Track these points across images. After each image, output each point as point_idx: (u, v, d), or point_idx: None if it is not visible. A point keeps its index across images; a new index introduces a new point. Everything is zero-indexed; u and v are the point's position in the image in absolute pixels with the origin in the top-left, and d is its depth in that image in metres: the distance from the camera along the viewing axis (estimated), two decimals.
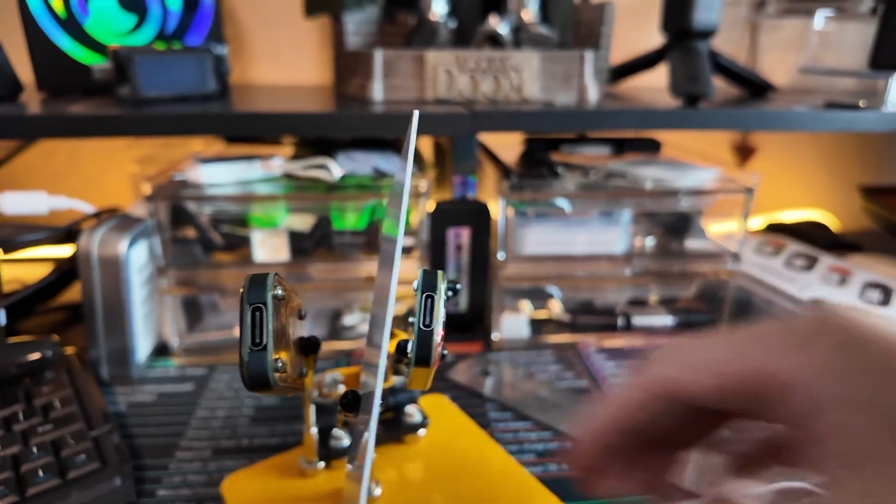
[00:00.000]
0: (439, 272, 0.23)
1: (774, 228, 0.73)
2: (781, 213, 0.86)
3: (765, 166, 0.85)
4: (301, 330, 0.25)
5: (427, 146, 0.70)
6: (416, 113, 0.23)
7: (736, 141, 0.84)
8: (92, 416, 0.38)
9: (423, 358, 0.21)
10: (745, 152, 0.84)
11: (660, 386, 0.19)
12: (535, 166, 0.52)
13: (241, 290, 0.19)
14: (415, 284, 0.22)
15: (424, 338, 0.21)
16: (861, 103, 0.53)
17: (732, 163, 0.85)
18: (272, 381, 0.18)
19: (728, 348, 0.19)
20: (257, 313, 0.18)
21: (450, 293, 0.29)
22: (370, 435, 0.20)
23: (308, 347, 0.25)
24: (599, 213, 0.52)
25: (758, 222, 0.78)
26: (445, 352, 0.27)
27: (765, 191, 0.87)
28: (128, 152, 0.69)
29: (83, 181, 0.75)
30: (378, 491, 0.32)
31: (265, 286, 0.19)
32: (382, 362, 0.20)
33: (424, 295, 0.22)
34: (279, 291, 0.20)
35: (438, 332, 0.22)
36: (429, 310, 0.22)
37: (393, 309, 0.20)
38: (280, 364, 0.19)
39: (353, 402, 0.23)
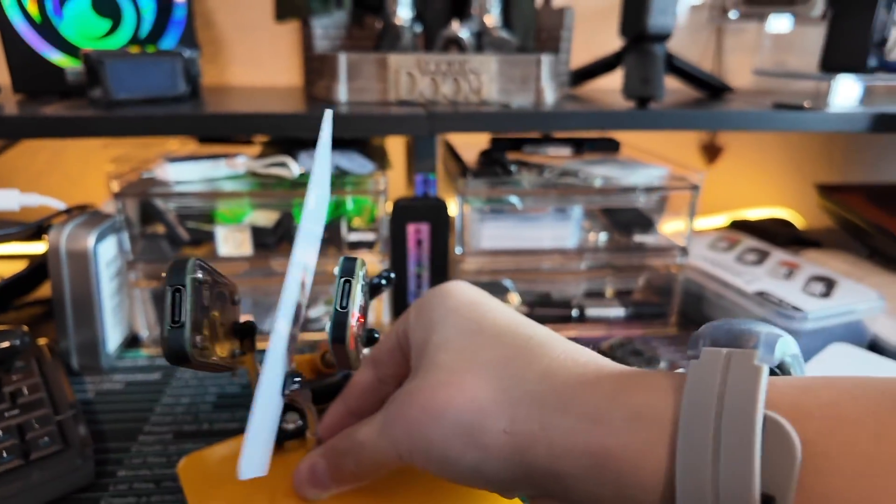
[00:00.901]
0: (359, 259, 0.25)
1: (738, 225, 0.75)
2: (747, 211, 0.88)
3: (732, 166, 0.88)
4: (236, 315, 0.27)
5: (399, 148, 0.72)
6: (328, 112, 0.25)
7: (703, 141, 0.86)
8: (58, 402, 0.40)
9: (338, 337, 0.23)
10: (712, 152, 0.86)
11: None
12: (491, 165, 0.54)
13: (163, 275, 0.21)
14: (335, 270, 0.25)
15: (340, 318, 0.23)
16: (805, 104, 0.55)
17: (701, 163, 0.87)
18: (190, 356, 0.20)
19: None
20: (177, 294, 0.20)
21: (383, 281, 0.31)
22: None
23: (244, 331, 0.27)
24: (554, 210, 0.54)
25: (723, 220, 0.81)
26: (377, 334, 0.29)
27: (732, 189, 0.90)
28: (106, 152, 0.71)
29: (65, 180, 0.77)
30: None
31: (185, 270, 0.21)
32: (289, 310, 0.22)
33: (343, 279, 0.24)
34: (200, 275, 0.22)
35: (354, 314, 0.24)
36: (346, 293, 0.24)
37: (297, 283, 0.22)
38: (199, 340, 0.21)
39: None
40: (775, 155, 0.89)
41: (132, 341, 0.52)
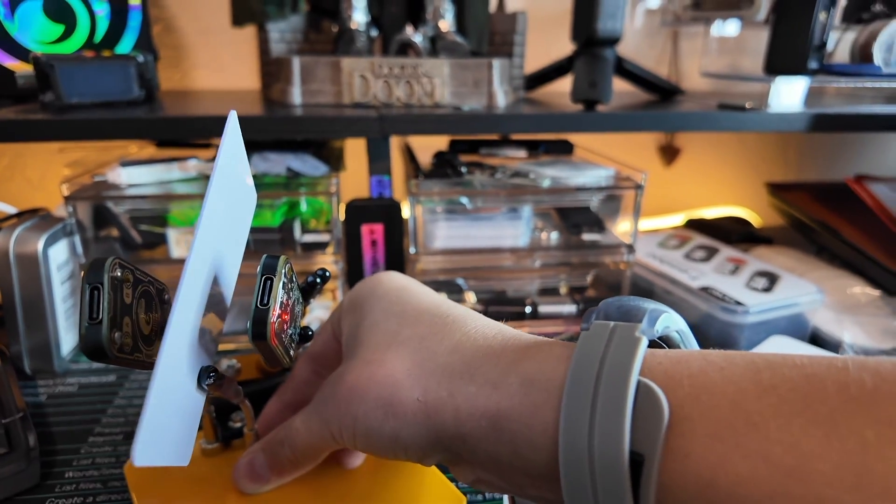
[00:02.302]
0: (282, 257, 0.26)
1: (693, 224, 0.77)
2: (705, 211, 0.90)
3: (690, 166, 0.90)
4: (166, 313, 0.27)
5: (360, 150, 0.73)
6: (232, 113, 0.26)
7: (661, 143, 0.88)
8: (6, 406, 0.40)
9: (258, 333, 0.24)
10: (670, 153, 0.88)
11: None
12: (443, 166, 0.55)
13: (81, 272, 0.22)
14: (258, 269, 0.25)
15: (259, 315, 0.24)
16: (747, 105, 0.57)
17: (659, 164, 0.89)
18: (108, 353, 0.21)
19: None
20: (95, 292, 0.21)
21: (318, 279, 0.32)
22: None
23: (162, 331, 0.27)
24: (506, 210, 0.55)
25: (681, 219, 0.83)
26: (311, 331, 0.30)
27: (690, 189, 0.92)
28: (62, 156, 0.71)
29: (27, 185, 0.77)
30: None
31: (103, 269, 0.22)
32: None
33: (264, 277, 0.25)
34: (118, 273, 0.22)
35: (275, 310, 0.25)
36: (267, 290, 0.25)
37: (199, 273, 0.23)
38: (118, 337, 0.22)
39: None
40: (732, 156, 0.92)
41: None
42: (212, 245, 0.25)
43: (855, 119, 0.57)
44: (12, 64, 0.57)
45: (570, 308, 0.57)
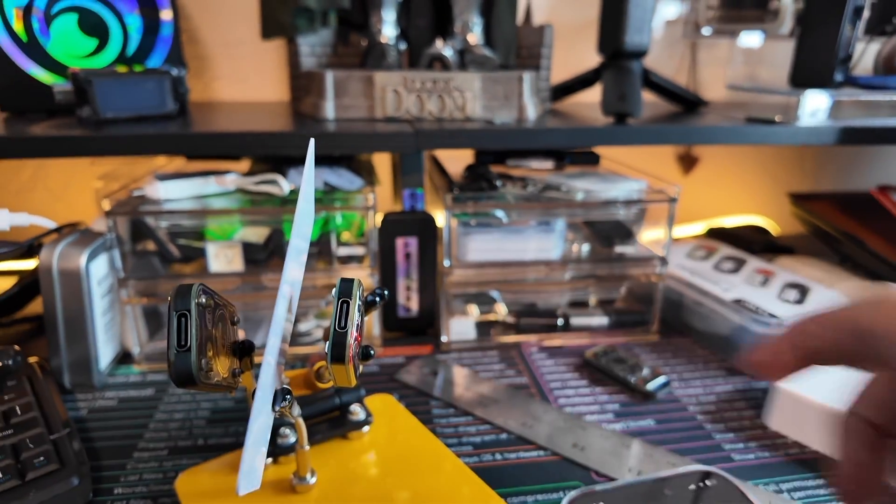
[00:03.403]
0: (356, 280, 0.26)
1: (714, 233, 0.77)
2: (724, 219, 0.91)
3: (708, 175, 0.90)
4: (235, 335, 0.28)
5: (385, 161, 0.74)
6: (312, 141, 0.26)
7: (680, 152, 0.89)
8: (52, 421, 0.40)
9: (337, 356, 0.24)
10: (688, 162, 0.88)
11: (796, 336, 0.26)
12: (477, 180, 0.55)
13: (168, 300, 0.22)
14: (333, 292, 0.26)
15: (339, 339, 0.24)
16: (777, 118, 0.57)
17: (677, 173, 0.90)
18: (196, 378, 0.21)
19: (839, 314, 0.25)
20: (182, 319, 0.21)
21: (377, 298, 0.32)
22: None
23: (242, 350, 0.28)
24: (537, 223, 0.56)
25: (699, 228, 0.83)
26: (372, 351, 0.30)
27: (708, 198, 0.92)
28: (91, 169, 0.71)
29: (48, 197, 0.77)
30: (313, 480, 0.35)
31: (189, 296, 0.22)
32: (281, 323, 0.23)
33: (340, 300, 0.25)
34: (203, 300, 0.23)
35: (352, 334, 0.25)
36: (344, 313, 0.25)
37: (287, 300, 0.24)
38: (204, 363, 0.22)
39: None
40: (749, 164, 0.92)
41: (124, 358, 0.52)
42: (295, 266, 0.25)
43: (884, 132, 0.58)
44: (45, 77, 0.57)
45: (601, 320, 0.57)
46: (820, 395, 0.42)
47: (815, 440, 0.42)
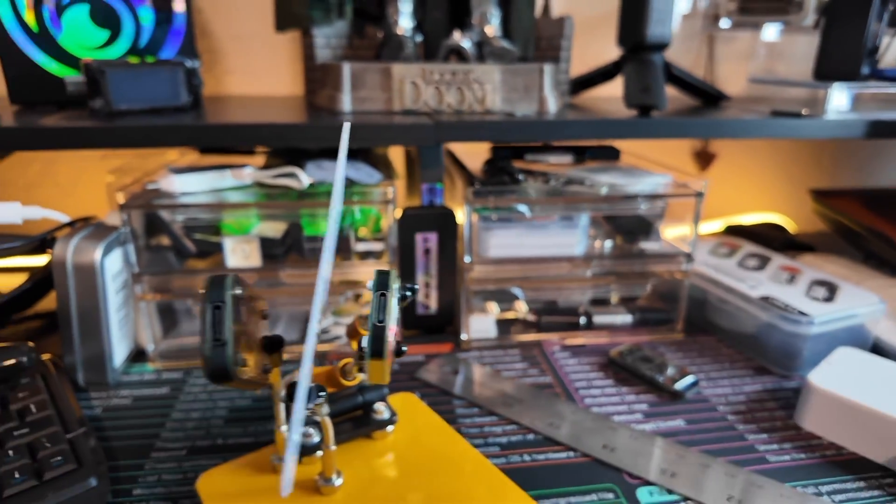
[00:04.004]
0: (392, 272, 0.25)
1: (733, 231, 0.76)
2: (740, 217, 0.90)
3: (724, 172, 0.89)
4: (265, 329, 0.27)
5: (399, 155, 0.72)
6: (346, 125, 0.25)
7: (696, 148, 0.87)
8: (67, 419, 0.39)
9: (376, 351, 0.23)
10: (705, 159, 0.87)
11: None
12: (498, 174, 0.54)
13: (202, 291, 0.21)
14: (369, 284, 0.24)
15: (378, 333, 0.23)
16: (803, 111, 0.56)
17: (694, 169, 0.89)
18: (232, 374, 0.20)
19: None
20: (217, 311, 0.20)
21: (408, 293, 0.31)
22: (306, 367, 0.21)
23: (272, 345, 0.26)
24: (559, 218, 0.54)
25: (717, 225, 0.82)
26: (404, 348, 0.29)
27: (724, 195, 0.91)
28: (102, 163, 0.70)
29: (58, 191, 0.76)
30: (339, 481, 0.33)
31: (224, 286, 0.21)
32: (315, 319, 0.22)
33: (378, 293, 0.24)
34: (238, 291, 0.21)
35: (391, 328, 0.24)
36: (382, 307, 0.24)
37: (325, 287, 0.22)
38: (240, 358, 0.21)
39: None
40: (767, 161, 0.91)
41: (138, 355, 0.51)
42: (329, 258, 0.24)
43: None
44: (57, 69, 0.56)
45: (624, 318, 0.56)
46: (857, 394, 0.41)
47: (852, 441, 0.41)
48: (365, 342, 0.23)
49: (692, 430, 0.43)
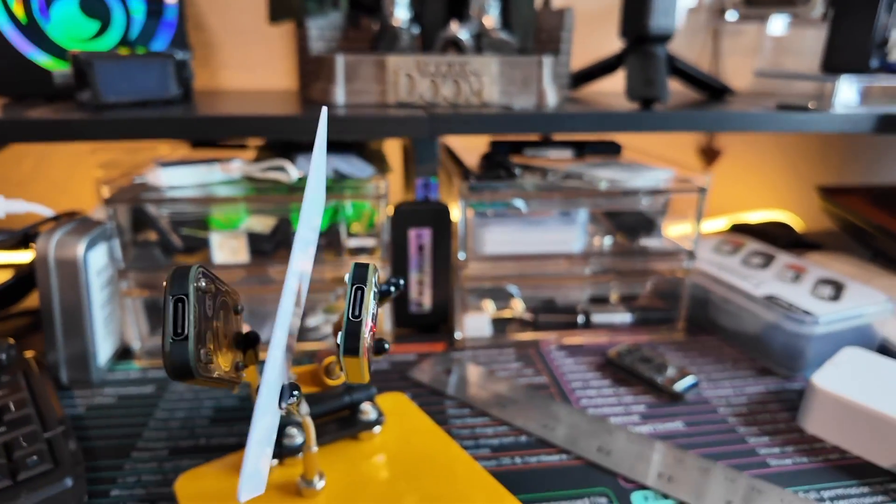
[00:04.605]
0: (370, 265, 0.24)
1: (738, 229, 0.74)
2: (746, 214, 0.88)
3: (730, 169, 0.87)
4: (238, 325, 0.25)
5: (395, 149, 0.71)
6: (324, 109, 0.24)
7: (701, 144, 0.86)
8: (47, 418, 0.38)
9: (351, 348, 0.22)
10: (710, 155, 0.85)
11: None
12: (494, 168, 0.53)
13: (164, 284, 0.19)
14: (346, 277, 0.23)
15: (352, 328, 0.22)
16: (810, 105, 0.54)
17: (699, 166, 0.87)
18: (194, 370, 0.19)
19: None
20: (179, 304, 0.19)
21: (391, 288, 0.29)
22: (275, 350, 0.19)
23: (246, 342, 0.25)
24: (558, 213, 0.53)
25: (723, 223, 0.80)
26: (386, 345, 0.27)
27: (729, 192, 0.89)
28: (93, 159, 0.69)
29: (51, 187, 0.75)
30: (321, 483, 0.32)
31: (187, 279, 0.19)
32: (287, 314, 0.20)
33: (354, 287, 0.23)
34: (202, 284, 0.20)
35: (367, 324, 0.22)
36: (358, 301, 0.22)
37: (293, 292, 0.21)
38: (203, 354, 0.19)
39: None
40: (772, 158, 0.89)
41: (123, 353, 0.50)
42: (303, 257, 0.23)
43: None
44: (45, 61, 0.55)
45: (623, 317, 0.54)
46: (862, 396, 0.39)
47: (857, 445, 0.39)
48: (339, 338, 0.22)
49: (692, 433, 0.41)
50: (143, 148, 0.60)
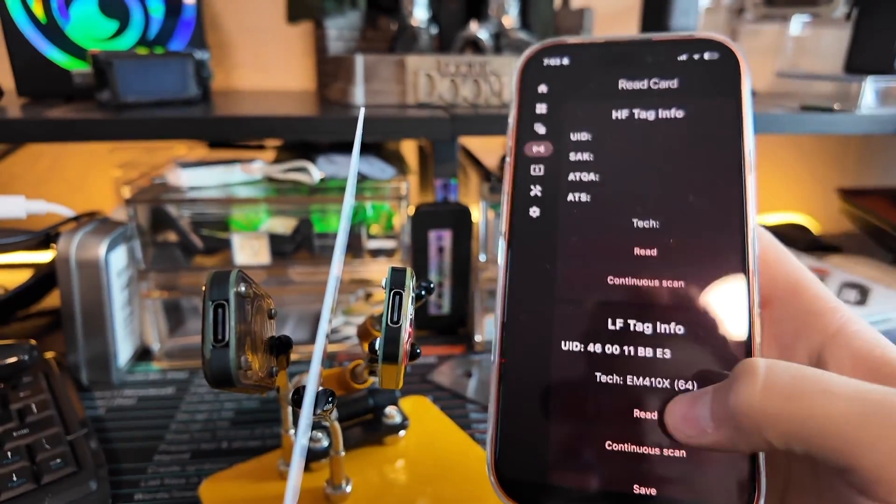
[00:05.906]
0: (407, 269, 0.23)
1: None
2: (763, 217, 0.87)
3: None
4: (272, 329, 0.25)
5: (412, 150, 0.71)
6: (361, 110, 0.23)
7: None
8: (69, 420, 0.38)
9: (390, 355, 0.21)
10: None
11: None
12: None
13: (203, 288, 0.19)
14: (383, 282, 0.23)
15: (392, 335, 0.21)
16: (835, 106, 0.53)
17: None
18: (235, 379, 0.18)
19: None
20: (220, 310, 0.19)
21: (422, 292, 0.29)
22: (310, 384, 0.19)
23: (279, 347, 0.25)
24: None
25: None
26: (419, 350, 0.27)
27: None
28: (110, 159, 0.69)
29: (66, 187, 0.75)
30: (349, 488, 0.32)
31: (228, 283, 0.19)
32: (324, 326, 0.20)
33: (392, 292, 0.22)
34: (242, 289, 0.20)
35: (406, 329, 0.22)
36: (396, 307, 0.22)
37: (336, 286, 0.20)
38: (244, 361, 0.19)
39: (300, 398, 0.23)
40: (789, 160, 0.88)
41: (143, 354, 0.50)
42: (341, 254, 0.22)
43: None
44: (65, 61, 0.55)
45: None
46: None
47: None
48: (378, 345, 0.22)
49: None
50: (160, 148, 0.60)
